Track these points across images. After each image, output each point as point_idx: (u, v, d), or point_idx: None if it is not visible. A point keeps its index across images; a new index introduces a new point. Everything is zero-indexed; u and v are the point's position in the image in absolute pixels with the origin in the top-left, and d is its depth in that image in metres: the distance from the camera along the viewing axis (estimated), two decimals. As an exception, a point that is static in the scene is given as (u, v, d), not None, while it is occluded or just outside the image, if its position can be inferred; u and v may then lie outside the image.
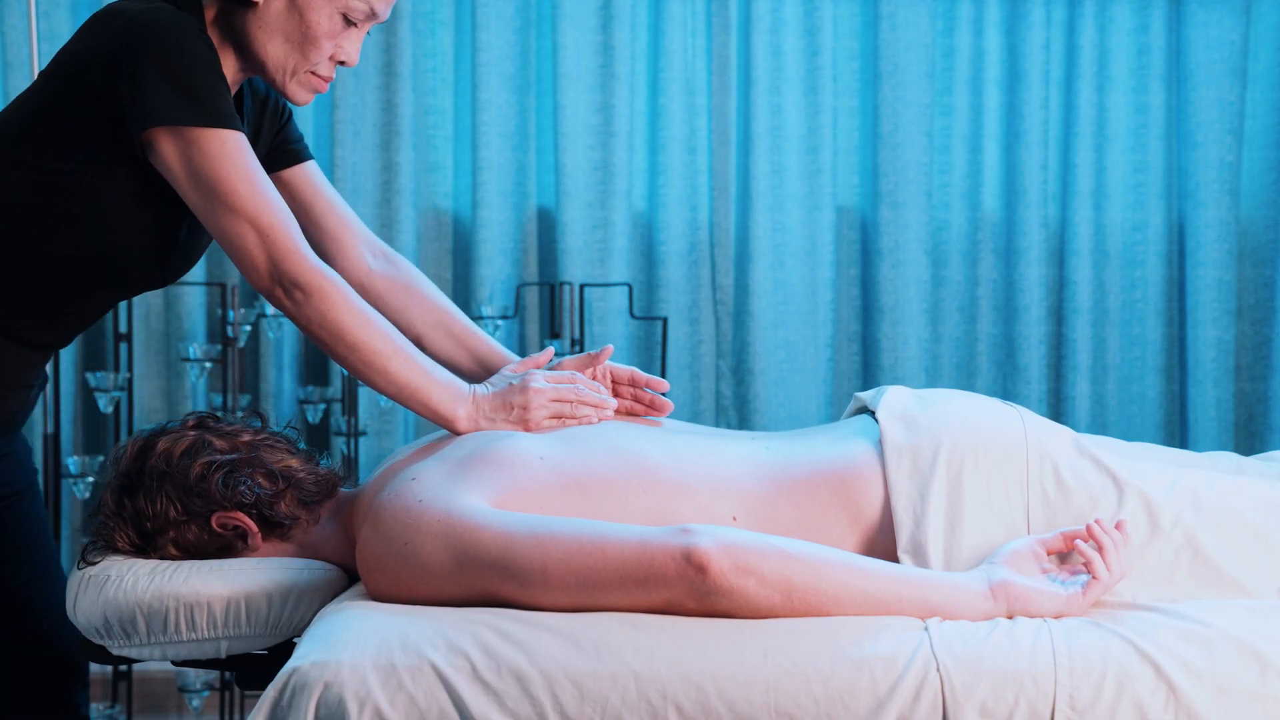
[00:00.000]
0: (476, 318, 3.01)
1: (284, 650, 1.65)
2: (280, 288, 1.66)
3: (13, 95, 3.06)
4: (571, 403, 1.76)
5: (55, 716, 1.90)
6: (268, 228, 1.65)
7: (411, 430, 3.24)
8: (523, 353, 3.17)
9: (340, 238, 1.95)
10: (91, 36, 1.67)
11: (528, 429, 1.73)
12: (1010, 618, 1.47)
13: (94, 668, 2.94)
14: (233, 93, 1.76)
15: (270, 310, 2.99)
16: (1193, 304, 3.36)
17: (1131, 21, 3.33)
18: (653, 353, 3.25)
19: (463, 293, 3.26)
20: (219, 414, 1.81)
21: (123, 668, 2.82)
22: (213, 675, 2.90)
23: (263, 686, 1.56)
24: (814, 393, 3.31)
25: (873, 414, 1.77)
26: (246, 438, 1.71)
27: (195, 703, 2.92)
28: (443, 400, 1.72)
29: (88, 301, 1.79)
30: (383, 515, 1.55)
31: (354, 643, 1.41)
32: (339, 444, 3.02)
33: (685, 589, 1.43)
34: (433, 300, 1.97)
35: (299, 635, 1.62)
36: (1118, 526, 1.54)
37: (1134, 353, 3.38)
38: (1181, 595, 1.55)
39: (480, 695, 1.38)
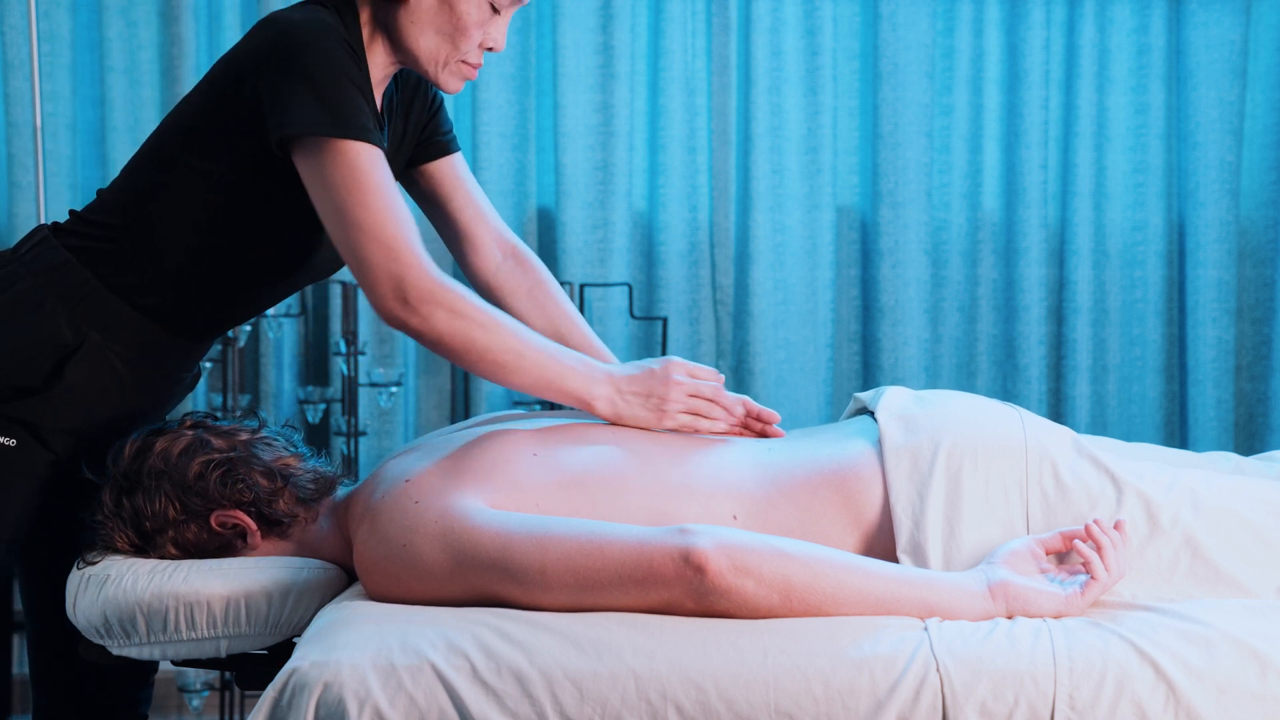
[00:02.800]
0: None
1: (284, 650, 1.65)
2: (406, 305, 1.64)
3: (13, 95, 3.07)
4: (708, 401, 1.76)
5: (119, 716, 1.90)
6: (391, 239, 1.63)
7: (411, 430, 3.23)
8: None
9: (474, 233, 1.96)
10: (248, 43, 1.70)
11: (660, 421, 1.73)
12: (1009, 618, 1.47)
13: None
14: (384, 85, 1.79)
15: (270, 310, 2.98)
16: (1193, 304, 3.36)
17: (1131, 21, 3.33)
18: (653, 353, 3.25)
19: (463, 293, 3.26)
20: (217, 414, 1.81)
21: (122, 668, 2.81)
22: (213, 675, 2.90)
23: (263, 686, 1.56)
24: (814, 393, 3.31)
25: (872, 414, 1.77)
26: (244, 436, 1.71)
27: (195, 703, 2.92)
28: (578, 384, 1.72)
29: (247, 293, 1.81)
30: (380, 517, 1.55)
31: (354, 643, 1.41)
32: (339, 444, 3.02)
33: (684, 589, 1.43)
34: (556, 307, 1.97)
35: (299, 635, 1.62)
36: (1116, 526, 1.53)
37: (1134, 353, 3.37)
38: (1181, 595, 1.54)
39: (480, 695, 1.38)
